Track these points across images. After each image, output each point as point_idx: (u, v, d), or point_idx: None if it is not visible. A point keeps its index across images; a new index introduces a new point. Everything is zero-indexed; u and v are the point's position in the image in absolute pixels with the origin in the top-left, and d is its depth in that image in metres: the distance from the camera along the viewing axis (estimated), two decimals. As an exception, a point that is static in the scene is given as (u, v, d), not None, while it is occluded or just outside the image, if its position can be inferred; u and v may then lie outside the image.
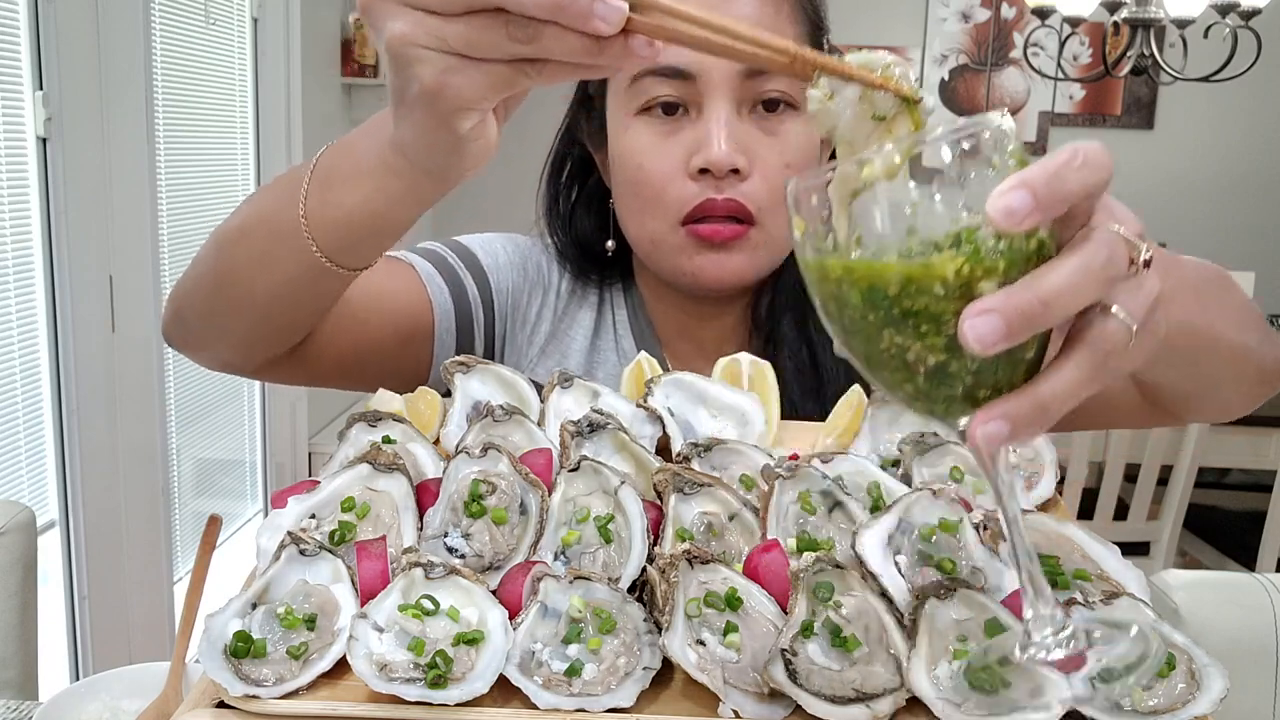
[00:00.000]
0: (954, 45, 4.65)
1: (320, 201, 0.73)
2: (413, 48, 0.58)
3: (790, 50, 0.56)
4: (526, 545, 0.69)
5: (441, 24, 0.56)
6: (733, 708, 0.57)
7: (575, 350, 1.10)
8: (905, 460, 0.77)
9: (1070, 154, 0.47)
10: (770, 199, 0.94)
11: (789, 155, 0.95)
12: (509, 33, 0.55)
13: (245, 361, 0.93)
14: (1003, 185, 0.45)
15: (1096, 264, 0.46)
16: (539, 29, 0.55)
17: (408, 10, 0.57)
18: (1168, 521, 2.76)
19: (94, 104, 2.18)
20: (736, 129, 0.93)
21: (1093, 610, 0.63)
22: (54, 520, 2.18)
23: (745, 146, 0.93)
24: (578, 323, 1.12)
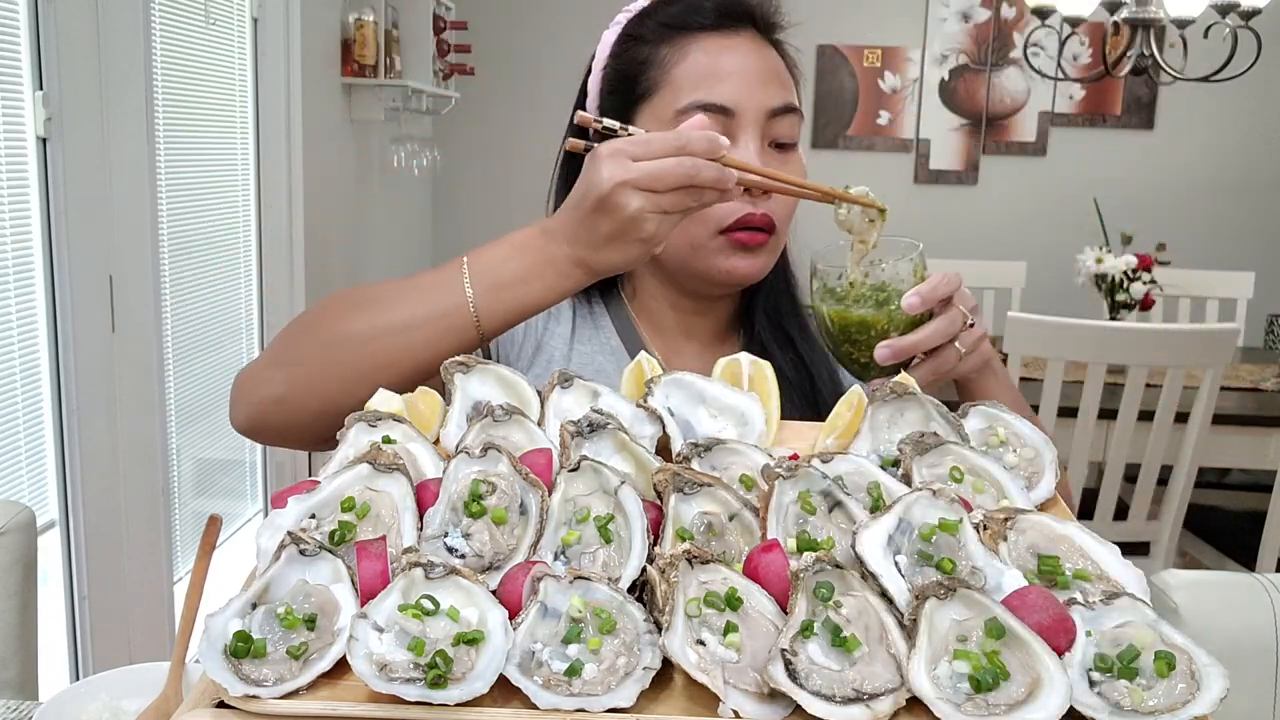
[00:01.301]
0: (954, 45, 4.65)
1: (493, 299, 0.98)
2: (643, 213, 0.92)
3: (823, 189, 1.06)
4: (526, 545, 0.69)
5: (660, 198, 0.92)
6: (733, 708, 0.57)
7: (559, 358, 1.21)
8: (905, 460, 0.77)
9: (941, 278, 1.03)
10: (782, 214, 1.17)
11: (793, 178, 1.14)
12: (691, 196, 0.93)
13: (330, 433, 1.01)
14: (909, 291, 1.01)
15: (945, 327, 1.02)
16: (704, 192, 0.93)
17: (640, 193, 0.91)
18: (1168, 521, 2.76)
19: (94, 104, 2.18)
20: (763, 157, 1.14)
21: (1093, 610, 0.63)
22: (54, 520, 2.18)
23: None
24: (557, 335, 1.23)
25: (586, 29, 5.46)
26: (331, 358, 1.01)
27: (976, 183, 4.73)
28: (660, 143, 0.92)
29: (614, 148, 0.92)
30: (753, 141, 1.14)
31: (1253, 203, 4.68)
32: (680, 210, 0.93)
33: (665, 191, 0.91)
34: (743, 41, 1.16)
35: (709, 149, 0.92)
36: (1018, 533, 0.70)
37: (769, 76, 1.16)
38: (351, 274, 3.71)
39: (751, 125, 1.14)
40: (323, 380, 1.02)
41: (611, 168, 0.91)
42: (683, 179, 0.91)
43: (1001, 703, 0.57)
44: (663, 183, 0.91)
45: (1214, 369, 2.60)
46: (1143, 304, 3.35)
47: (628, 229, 0.92)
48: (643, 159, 0.91)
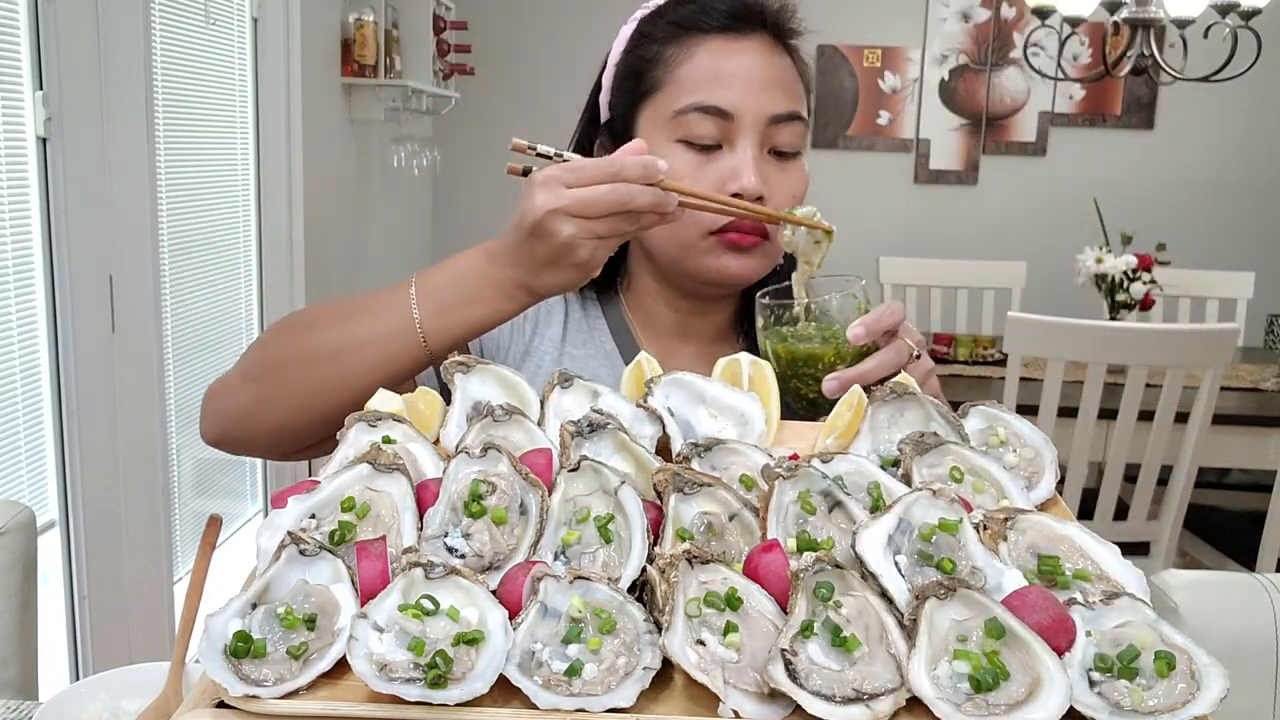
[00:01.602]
0: (954, 45, 4.65)
1: (440, 321, 1.00)
2: (576, 239, 0.93)
3: (768, 212, 1.09)
4: (526, 545, 0.69)
5: (593, 224, 0.93)
6: (733, 708, 0.57)
7: (548, 364, 1.21)
8: (905, 460, 0.77)
9: (885, 309, 1.02)
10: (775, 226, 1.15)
11: (795, 189, 1.17)
12: (628, 221, 0.94)
13: (295, 447, 1.11)
14: (854, 323, 1.01)
15: (892, 359, 1.01)
16: (642, 216, 0.94)
17: (572, 219, 0.92)
18: (1168, 521, 2.76)
19: (94, 104, 2.18)
20: (760, 164, 1.13)
21: (1093, 610, 0.63)
22: (54, 520, 2.18)
23: (766, 178, 1.14)
24: (547, 339, 1.23)
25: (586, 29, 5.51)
26: (286, 376, 1.04)
27: (976, 183, 4.73)
28: (593, 169, 0.93)
29: (547, 175, 0.94)
30: (750, 147, 1.13)
31: (1253, 203, 4.68)
32: (617, 235, 0.95)
33: (598, 218, 0.93)
34: (752, 45, 1.15)
35: (644, 175, 0.92)
36: (1018, 533, 0.70)
37: (773, 82, 1.15)
38: (351, 274, 3.71)
39: (750, 130, 1.13)
40: (279, 398, 1.04)
41: (544, 195, 0.93)
42: (615, 205, 0.92)
43: (1001, 703, 0.57)
44: (594, 209, 0.92)
45: (1214, 369, 2.60)
46: (1143, 304, 3.35)
47: (562, 254, 0.94)
48: (575, 185, 0.92)
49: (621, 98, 1.20)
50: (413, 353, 1.00)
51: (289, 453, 1.12)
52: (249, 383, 1.07)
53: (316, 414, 1.03)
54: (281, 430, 1.06)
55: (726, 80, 1.13)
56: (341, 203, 3.58)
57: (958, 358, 3.38)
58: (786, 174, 1.16)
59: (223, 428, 1.10)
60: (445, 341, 1.00)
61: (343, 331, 1.03)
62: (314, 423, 1.04)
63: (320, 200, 3.32)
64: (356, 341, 1.02)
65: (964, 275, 4.03)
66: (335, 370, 1.02)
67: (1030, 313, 2.68)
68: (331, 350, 1.02)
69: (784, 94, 1.15)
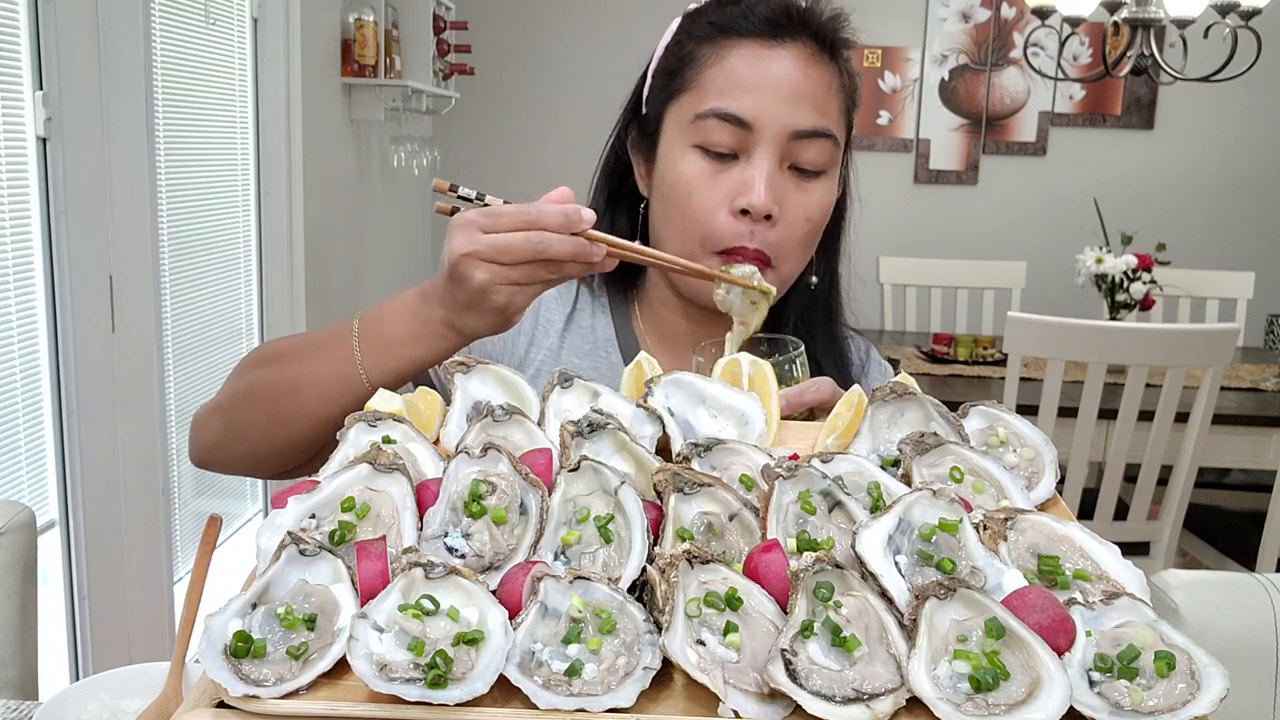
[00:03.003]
0: (954, 45, 4.65)
1: (380, 359, 1.01)
2: (491, 285, 0.92)
3: (699, 269, 1.06)
4: (526, 545, 0.69)
5: (508, 270, 0.92)
6: (733, 708, 0.57)
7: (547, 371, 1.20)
8: (905, 460, 0.77)
9: (810, 385, 1.00)
10: (788, 244, 1.11)
11: (810, 210, 1.12)
12: (548, 269, 0.93)
13: (272, 473, 1.13)
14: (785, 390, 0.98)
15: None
16: (564, 266, 0.93)
17: (486, 264, 0.92)
18: (1168, 521, 2.76)
19: (94, 104, 2.18)
20: (775, 179, 1.09)
21: (1093, 610, 0.63)
22: (54, 520, 2.18)
23: (780, 196, 1.10)
24: (544, 349, 1.23)
25: (587, 29, 5.50)
26: (252, 408, 1.07)
27: (976, 183, 4.73)
28: (510, 216, 0.92)
29: (466, 219, 0.93)
30: (766, 161, 1.08)
31: (1253, 203, 4.68)
32: (537, 282, 0.94)
33: (513, 264, 0.92)
34: (788, 53, 1.10)
35: (562, 224, 0.91)
36: (1018, 533, 0.70)
37: (803, 95, 1.09)
38: (351, 274, 3.71)
39: (768, 144, 1.08)
40: (246, 428, 1.07)
41: (460, 239, 0.92)
42: (530, 254, 0.91)
43: (1001, 703, 0.57)
44: (509, 256, 0.91)
45: (1214, 369, 2.60)
46: (1143, 304, 3.35)
47: (478, 299, 0.94)
48: (491, 231, 0.92)
49: (656, 94, 1.17)
50: (356, 389, 1.01)
51: (270, 475, 1.14)
52: (219, 413, 1.10)
53: (282, 442, 1.06)
54: (254, 457, 1.09)
55: (751, 88, 1.09)
56: (341, 203, 3.58)
57: (958, 358, 3.38)
58: (804, 194, 1.11)
59: (202, 454, 1.13)
60: (388, 378, 1.01)
61: (298, 367, 1.05)
62: (282, 450, 1.07)
63: (320, 200, 3.31)
64: (308, 377, 1.03)
65: (964, 275, 4.03)
66: (293, 403, 1.04)
67: (1030, 313, 2.68)
68: (288, 384, 1.04)
69: (812, 108, 1.10)
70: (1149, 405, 2.64)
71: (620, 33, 4.51)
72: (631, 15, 4.51)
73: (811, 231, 1.13)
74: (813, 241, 1.15)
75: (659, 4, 4.66)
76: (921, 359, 3.37)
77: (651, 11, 4.68)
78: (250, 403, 1.07)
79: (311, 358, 1.04)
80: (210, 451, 1.12)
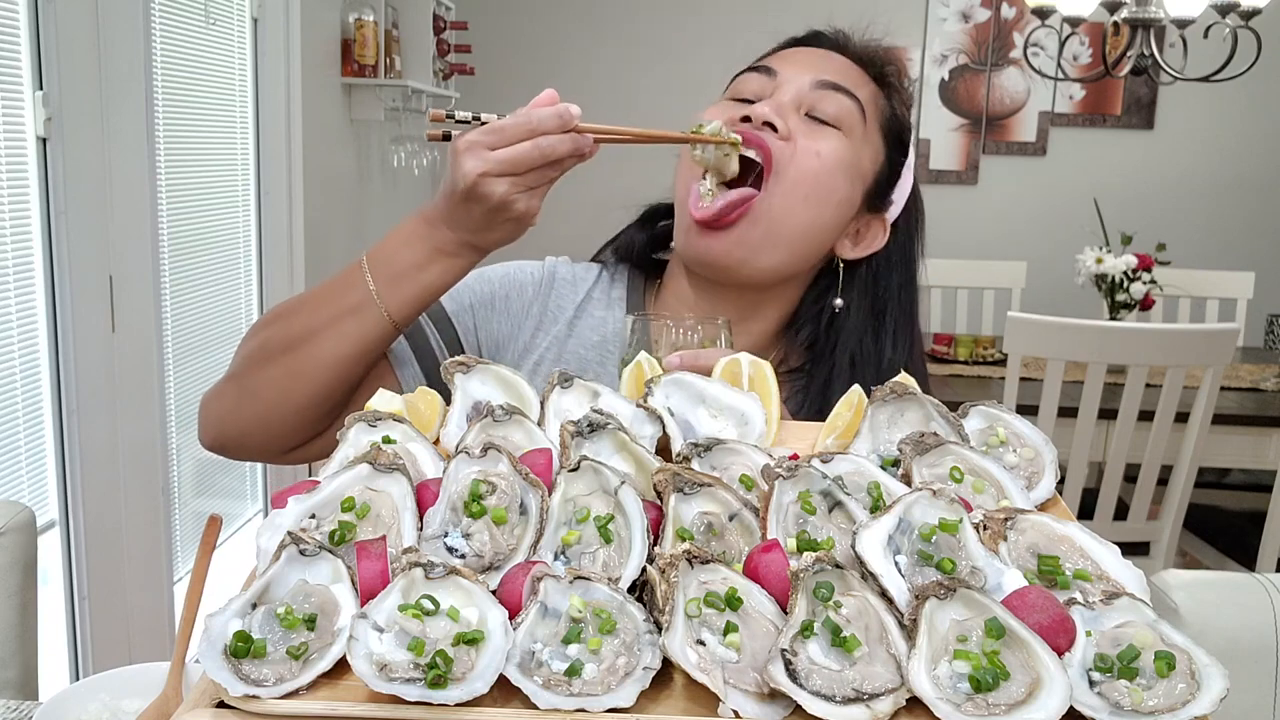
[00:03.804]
0: (954, 45, 4.65)
1: (396, 289, 1.05)
2: (509, 196, 0.97)
3: (675, 135, 1.09)
4: (526, 545, 0.69)
5: (522, 179, 0.97)
6: (733, 708, 0.57)
7: (555, 333, 1.22)
8: (905, 460, 0.77)
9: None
10: (793, 175, 1.11)
11: (822, 149, 1.12)
12: (553, 168, 0.98)
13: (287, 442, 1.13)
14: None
15: None
16: (564, 163, 0.98)
17: (501, 179, 0.97)
18: (1168, 521, 2.76)
19: (94, 104, 2.18)
20: (790, 113, 1.13)
21: (1093, 610, 0.63)
22: (54, 520, 2.18)
23: (789, 123, 1.12)
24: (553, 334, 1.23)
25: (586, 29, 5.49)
26: (265, 367, 1.08)
27: (976, 183, 4.73)
28: (513, 128, 0.96)
29: (469, 141, 0.97)
30: (784, 96, 1.14)
31: (1253, 203, 4.68)
32: (545, 183, 0.99)
33: (525, 172, 0.97)
34: (830, 56, 1.19)
35: (559, 124, 0.97)
36: (1018, 533, 0.70)
37: (835, 69, 1.16)
38: (351, 274, 3.70)
39: (790, 88, 1.14)
40: (261, 388, 1.08)
41: (471, 161, 0.97)
42: (539, 160, 0.97)
43: (1001, 703, 0.57)
44: (521, 165, 0.97)
45: (1214, 369, 2.60)
46: (1143, 304, 3.35)
47: (499, 212, 0.99)
48: (498, 147, 0.96)
49: None
50: (377, 325, 1.05)
51: (283, 448, 1.13)
52: (231, 381, 1.11)
53: (300, 398, 1.07)
54: (268, 422, 1.09)
55: (784, 57, 1.18)
56: (341, 203, 3.58)
57: (958, 358, 3.38)
58: (812, 138, 1.13)
59: (216, 430, 1.13)
60: (406, 309, 1.05)
61: (311, 316, 1.07)
62: (301, 409, 1.07)
63: (320, 200, 3.31)
64: (323, 321, 1.06)
65: (964, 275, 4.03)
66: (309, 354, 1.06)
67: (1030, 313, 2.68)
68: (302, 332, 1.07)
69: (840, 76, 1.16)
70: (1149, 405, 2.64)
71: (620, 32, 4.51)
72: (632, 15, 4.51)
73: (818, 171, 1.12)
74: (821, 185, 1.12)
75: (659, 4, 4.67)
76: (921, 360, 3.37)
77: (651, 11, 4.69)
78: (265, 357, 1.08)
79: (324, 302, 1.08)
80: (224, 424, 1.12)
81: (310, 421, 1.10)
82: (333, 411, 1.10)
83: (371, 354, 1.08)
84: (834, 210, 1.15)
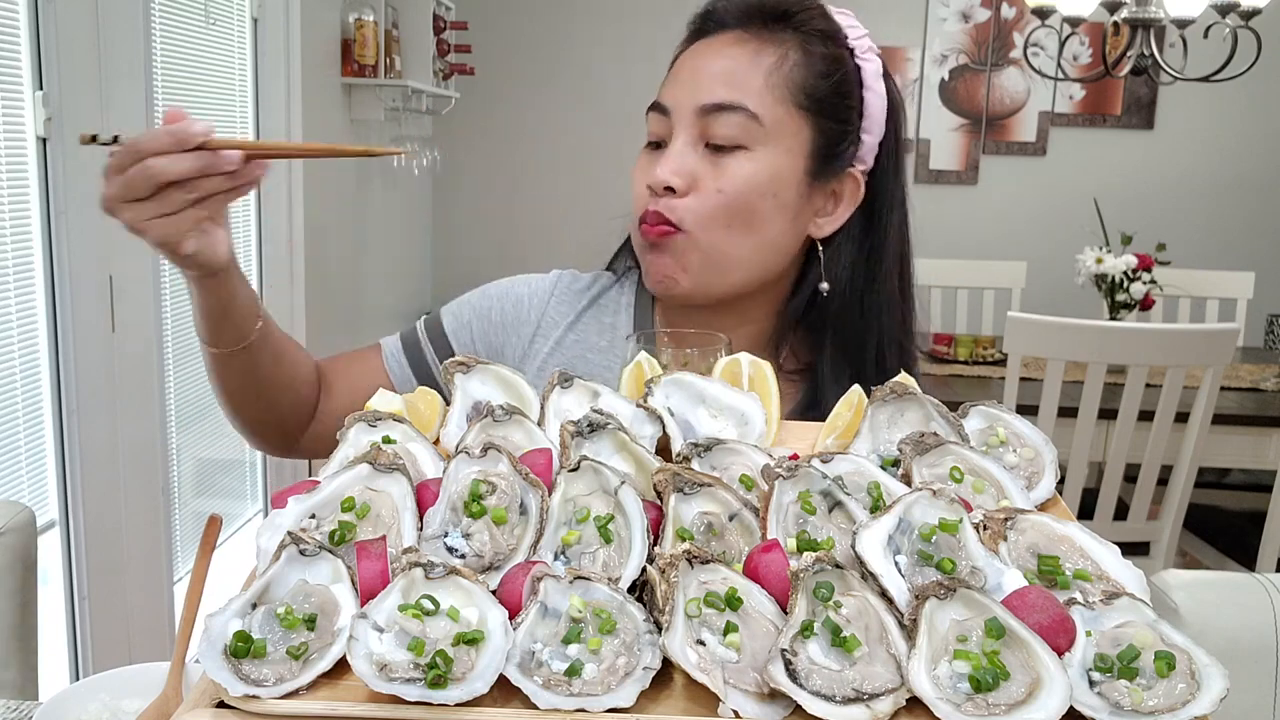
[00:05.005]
0: (954, 45, 4.65)
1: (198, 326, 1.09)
2: (137, 223, 0.93)
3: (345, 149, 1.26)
4: (526, 545, 0.69)
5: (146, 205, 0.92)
6: (733, 708, 0.57)
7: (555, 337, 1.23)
8: (905, 460, 0.77)
9: None
10: (701, 215, 1.10)
11: (723, 183, 1.10)
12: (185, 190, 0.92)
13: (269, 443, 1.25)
14: None
15: None
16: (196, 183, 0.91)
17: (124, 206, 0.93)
18: (1168, 521, 2.76)
19: (94, 104, 2.17)
20: (688, 157, 1.10)
21: (1093, 610, 0.63)
22: (54, 520, 2.18)
23: (691, 171, 1.10)
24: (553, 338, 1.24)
25: (586, 29, 5.49)
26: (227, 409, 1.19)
27: (976, 183, 4.73)
28: (120, 154, 0.93)
29: (105, 166, 0.95)
30: (678, 140, 1.10)
31: (1253, 203, 4.68)
32: (186, 207, 0.92)
33: (146, 198, 0.91)
34: (719, 41, 1.13)
35: (172, 143, 0.90)
36: (1018, 533, 0.70)
37: (716, 74, 1.10)
38: (351, 274, 3.70)
39: (682, 123, 1.11)
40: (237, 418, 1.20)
41: (104, 187, 0.94)
42: (149, 183, 0.90)
43: (1001, 703, 0.57)
44: (135, 191, 0.91)
45: (1214, 369, 2.60)
46: (1143, 304, 3.35)
47: (144, 237, 0.95)
48: (114, 172, 0.93)
49: None
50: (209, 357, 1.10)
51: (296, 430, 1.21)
52: None
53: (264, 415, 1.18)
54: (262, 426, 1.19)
55: (674, 79, 1.14)
56: (341, 203, 3.58)
57: (958, 358, 3.38)
58: (716, 167, 1.10)
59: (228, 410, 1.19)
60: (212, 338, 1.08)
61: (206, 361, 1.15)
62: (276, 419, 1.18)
63: (320, 200, 3.31)
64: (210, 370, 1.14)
65: (964, 275, 4.03)
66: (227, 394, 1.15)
67: (1030, 313, 2.68)
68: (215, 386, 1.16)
69: (723, 84, 1.09)
70: (1149, 405, 2.64)
71: (621, 32, 4.51)
72: (632, 15, 4.51)
73: (729, 205, 1.09)
74: (739, 215, 1.10)
75: (659, 4, 4.67)
76: (921, 359, 3.37)
77: (651, 11, 4.68)
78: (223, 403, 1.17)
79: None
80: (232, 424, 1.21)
81: (292, 407, 1.18)
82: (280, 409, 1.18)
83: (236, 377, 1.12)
84: (768, 224, 1.11)
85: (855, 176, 1.15)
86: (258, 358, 1.10)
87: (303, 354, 1.20)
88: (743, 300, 1.17)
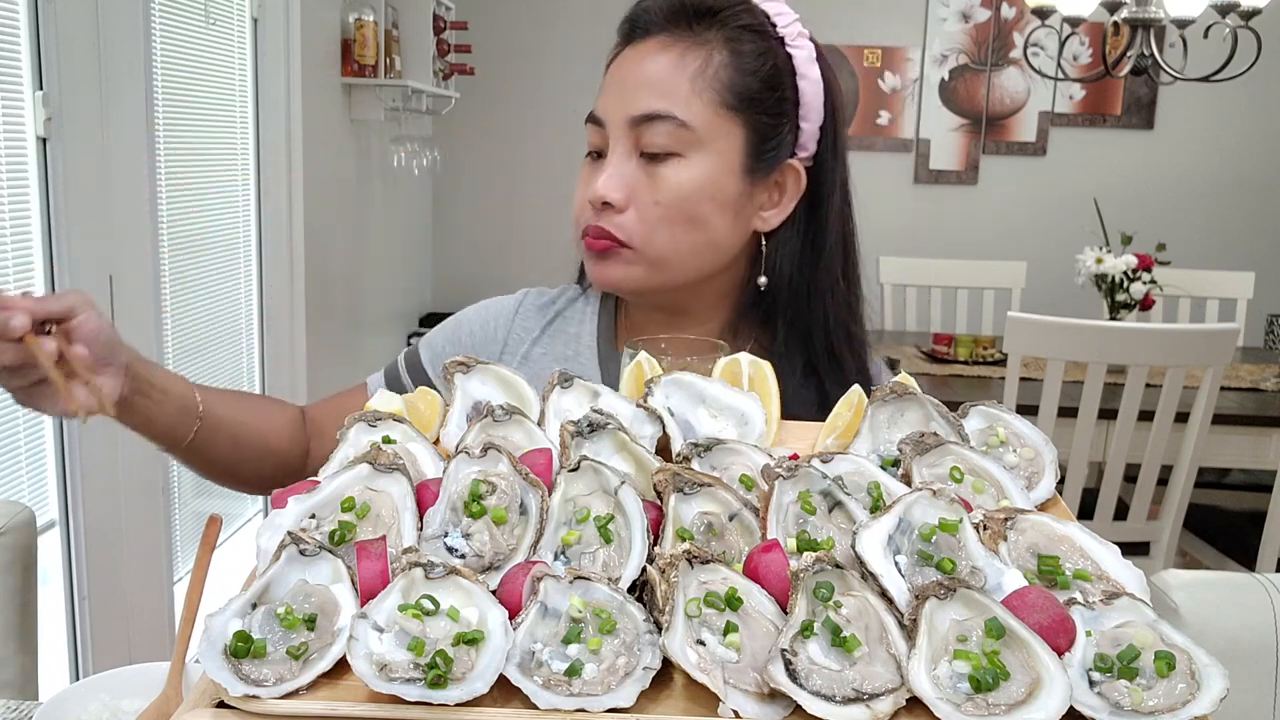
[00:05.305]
0: (954, 45, 4.65)
1: None
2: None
3: None
4: (526, 545, 0.69)
5: None
6: (733, 708, 0.57)
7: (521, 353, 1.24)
8: (905, 460, 0.77)
9: None
10: (642, 227, 1.10)
11: (659, 195, 1.10)
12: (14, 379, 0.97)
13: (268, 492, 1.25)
14: None
15: None
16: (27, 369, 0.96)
17: None
18: (1168, 521, 2.76)
19: (94, 104, 2.18)
20: (625, 170, 1.10)
21: (1093, 610, 0.63)
22: (54, 520, 2.18)
23: (629, 184, 1.10)
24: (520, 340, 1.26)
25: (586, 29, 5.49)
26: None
27: (976, 183, 4.73)
28: None
29: None
30: (615, 153, 1.10)
31: (1253, 203, 4.68)
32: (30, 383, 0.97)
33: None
34: (647, 47, 1.12)
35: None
36: (1018, 533, 0.70)
37: (644, 82, 1.09)
38: (351, 274, 3.70)
39: (616, 135, 1.11)
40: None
41: None
42: None
43: (1001, 703, 0.57)
44: None
45: (1214, 369, 2.60)
46: (1143, 304, 3.35)
47: None
48: None
49: None
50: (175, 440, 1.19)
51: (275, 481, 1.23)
52: None
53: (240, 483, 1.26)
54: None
55: (607, 89, 1.14)
56: (341, 203, 3.58)
57: (958, 358, 3.38)
58: (653, 179, 1.09)
59: None
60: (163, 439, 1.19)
61: None
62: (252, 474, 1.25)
63: (320, 200, 3.31)
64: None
65: (964, 275, 4.03)
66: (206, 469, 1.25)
67: (1030, 313, 2.68)
68: None
69: (650, 93, 1.08)
70: (1149, 405, 2.64)
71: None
72: (631, 15, 4.50)
73: (667, 214, 1.09)
74: (680, 221, 1.10)
75: (659, 4, 4.66)
76: (921, 359, 3.37)
77: (651, 11, 4.68)
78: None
79: None
80: None
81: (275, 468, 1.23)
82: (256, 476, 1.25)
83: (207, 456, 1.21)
84: (710, 224, 1.11)
85: (795, 167, 1.15)
86: (211, 450, 1.18)
87: (275, 415, 1.24)
88: (696, 297, 1.18)
